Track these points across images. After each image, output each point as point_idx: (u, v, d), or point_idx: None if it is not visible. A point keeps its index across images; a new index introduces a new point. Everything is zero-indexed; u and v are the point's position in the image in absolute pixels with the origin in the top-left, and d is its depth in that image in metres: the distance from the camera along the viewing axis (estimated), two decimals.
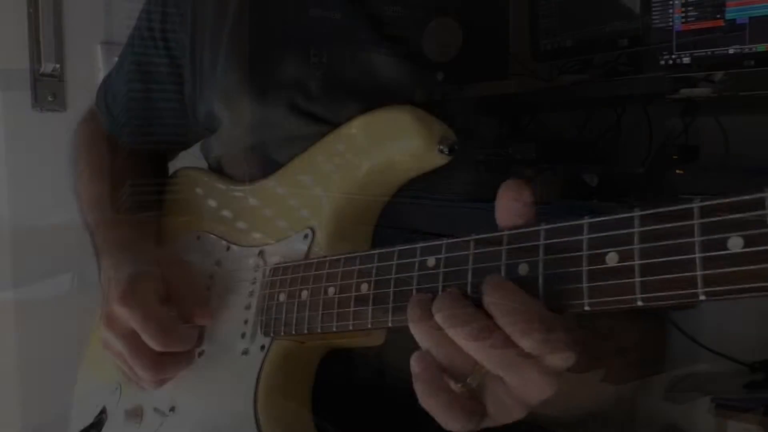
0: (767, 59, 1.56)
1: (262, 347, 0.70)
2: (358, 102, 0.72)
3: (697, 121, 1.75)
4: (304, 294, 0.65)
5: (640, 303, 0.42)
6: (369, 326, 0.57)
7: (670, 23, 1.66)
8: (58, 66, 1.61)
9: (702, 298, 0.39)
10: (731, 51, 1.60)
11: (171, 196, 0.94)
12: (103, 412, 0.83)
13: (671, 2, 1.66)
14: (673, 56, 1.66)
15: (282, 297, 0.68)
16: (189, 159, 1.00)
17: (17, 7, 1.56)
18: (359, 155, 0.68)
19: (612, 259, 0.43)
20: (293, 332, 0.66)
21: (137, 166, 0.98)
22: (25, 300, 1.57)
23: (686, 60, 1.66)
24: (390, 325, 0.55)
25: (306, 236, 0.71)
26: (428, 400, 0.49)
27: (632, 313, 0.67)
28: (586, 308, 0.44)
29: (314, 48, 0.76)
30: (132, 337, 0.71)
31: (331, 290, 0.62)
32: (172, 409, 0.76)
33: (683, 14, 1.65)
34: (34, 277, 1.58)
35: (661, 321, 0.78)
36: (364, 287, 0.58)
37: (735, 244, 0.38)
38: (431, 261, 0.53)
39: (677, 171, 1.41)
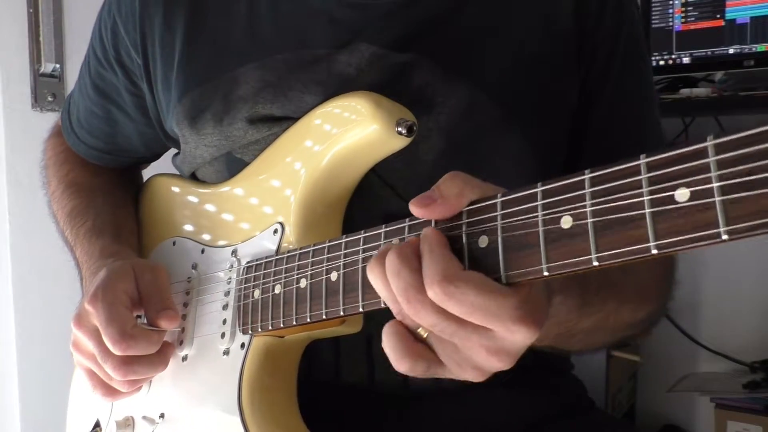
0: (767, 59, 1.56)
1: (242, 345, 0.70)
2: (315, 95, 0.71)
3: (697, 121, 1.74)
4: (278, 288, 0.65)
5: (595, 263, 0.42)
6: (341, 313, 0.58)
7: (670, 23, 1.65)
8: (58, 66, 1.62)
9: (654, 252, 0.39)
10: (731, 51, 1.60)
11: (145, 205, 0.93)
12: (97, 425, 0.84)
13: (671, 2, 1.65)
14: (673, 56, 1.65)
15: (257, 293, 0.68)
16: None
17: (17, 7, 1.57)
18: (320, 144, 0.67)
19: (566, 221, 0.43)
20: (270, 327, 0.66)
21: (110, 175, 0.97)
22: (24, 298, 1.58)
23: (686, 60, 1.65)
24: (361, 309, 0.56)
25: (275, 231, 0.71)
26: (384, 341, 0.49)
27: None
28: (545, 273, 0.44)
29: (264, 58, 0.74)
30: (101, 337, 0.71)
31: (303, 281, 0.62)
32: (162, 416, 0.76)
33: (683, 14, 1.64)
34: (33, 276, 1.59)
35: None
36: (334, 275, 0.58)
37: (682, 195, 0.38)
38: (395, 242, 0.53)
39: None
